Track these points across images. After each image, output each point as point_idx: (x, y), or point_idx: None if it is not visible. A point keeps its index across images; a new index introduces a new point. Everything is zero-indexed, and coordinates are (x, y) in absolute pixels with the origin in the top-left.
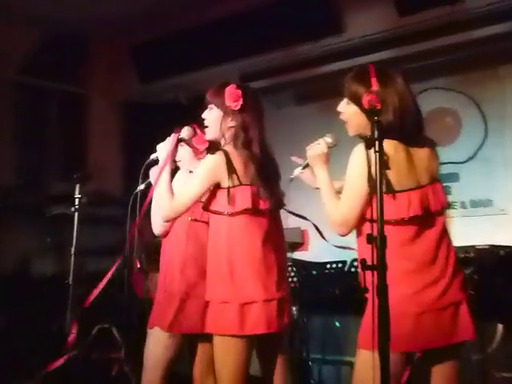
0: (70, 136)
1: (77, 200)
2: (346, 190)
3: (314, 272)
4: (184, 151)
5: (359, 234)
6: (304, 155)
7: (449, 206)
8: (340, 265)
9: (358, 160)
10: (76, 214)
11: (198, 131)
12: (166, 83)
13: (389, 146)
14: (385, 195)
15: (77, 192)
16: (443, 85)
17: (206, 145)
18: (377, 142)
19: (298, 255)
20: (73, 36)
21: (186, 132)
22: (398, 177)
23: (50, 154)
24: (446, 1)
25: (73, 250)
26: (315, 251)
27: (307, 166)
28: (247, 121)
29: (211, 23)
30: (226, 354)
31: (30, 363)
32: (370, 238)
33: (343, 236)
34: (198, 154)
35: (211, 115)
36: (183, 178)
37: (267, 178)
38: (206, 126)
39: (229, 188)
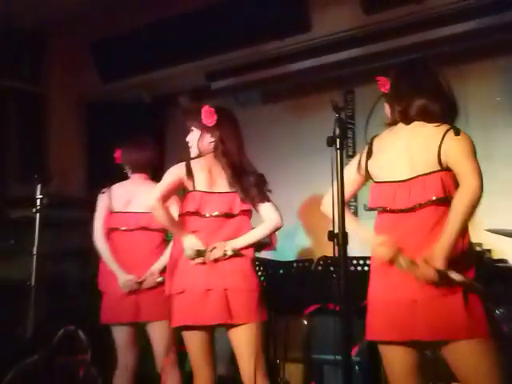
0: (30, 136)
1: (38, 201)
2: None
3: (281, 271)
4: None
5: None
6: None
7: None
8: (307, 263)
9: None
10: (37, 215)
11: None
12: (129, 82)
13: None
14: None
15: (38, 193)
16: None
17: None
18: (338, 140)
19: (265, 255)
20: (30, 32)
21: None
22: None
23: (9, 156)
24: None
25: (35, 250)
26: (282, 251)
27: None
28: (224, 135)
29: (175, 20)
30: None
31: None
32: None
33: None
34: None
35: (193, 136)
36: None
37: (248, 182)
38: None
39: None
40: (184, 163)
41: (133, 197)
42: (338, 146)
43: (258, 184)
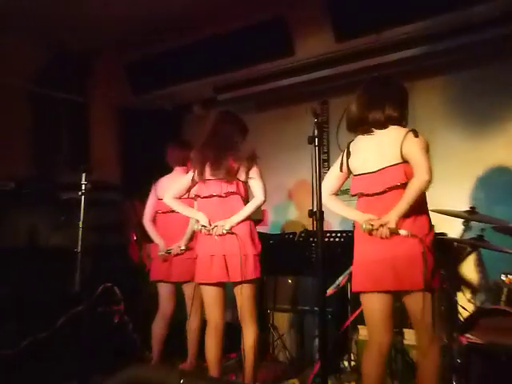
0: (77, 136)
1: (83, 186)
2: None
3: (271, 241)
4: None
5: None
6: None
7: None
8: (291, 236)
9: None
10: (82, 197)
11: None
12: (154, 94)
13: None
14: None
15: (83, 180)
16: None
17: None
18: (316, 139)
19: (258, 229)
20: (78, 54)
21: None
22: None
23: (61, 151)
24: (371, 31)
25: (80, 224)
26: (272, 226)
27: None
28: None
29: (190, 46)
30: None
31: (47, 315)
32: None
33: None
34: None
35: None
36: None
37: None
38: None
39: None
40: None
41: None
42: (316, 144)
43: (238, 168)
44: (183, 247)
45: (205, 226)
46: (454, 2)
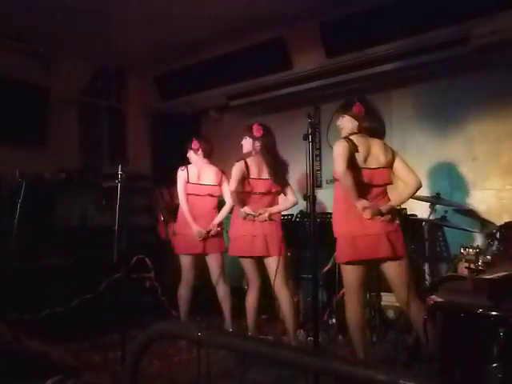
0: (115, 135)
1: (119, 176)
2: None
3: None
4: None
5: None
6: None
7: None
8: (289, 216)
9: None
10: (119, 185)
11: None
12: (178, 101)
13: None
14: None
15: (119, 170)
16: None
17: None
18: (310, 136)
19: None
20: (117, 69)
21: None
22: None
23: (103, 148)
24: (355, 49)
25: (117, 207)
26: None
27: None
28: (266, 142)
29: (207, 61)
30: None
31: (92, 280)
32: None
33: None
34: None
35: (246, 142)
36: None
37: (279, 173)
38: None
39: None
40: (243, 161)
41: (201, 173)
42: (310, 140)
43: (284, 174)
44: (218, 228)
45: (249, 214)
46: (422, 25)
